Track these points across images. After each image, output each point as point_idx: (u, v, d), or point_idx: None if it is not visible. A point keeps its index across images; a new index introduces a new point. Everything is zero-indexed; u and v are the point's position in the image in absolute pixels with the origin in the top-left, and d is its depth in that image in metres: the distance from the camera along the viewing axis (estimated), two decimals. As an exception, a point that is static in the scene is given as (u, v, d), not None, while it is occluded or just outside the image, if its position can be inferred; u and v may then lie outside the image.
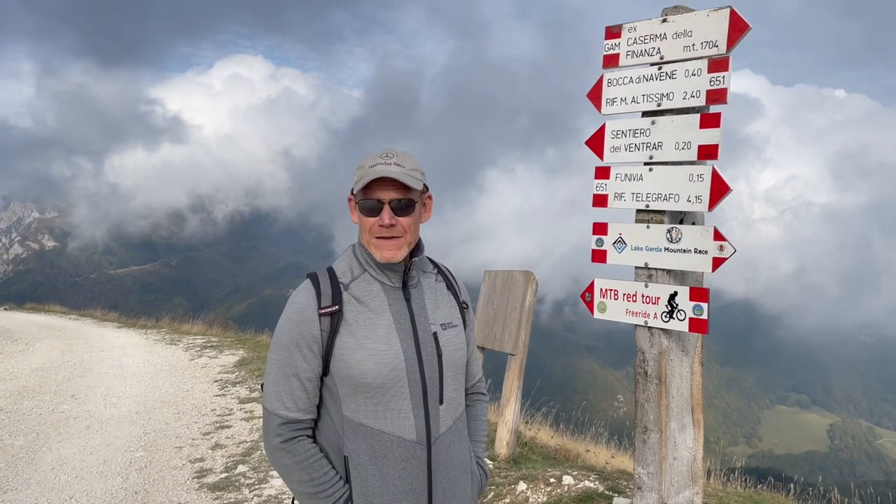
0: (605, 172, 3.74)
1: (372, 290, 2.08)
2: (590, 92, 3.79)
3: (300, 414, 2.03)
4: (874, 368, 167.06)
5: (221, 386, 10.03)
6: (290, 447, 2.01)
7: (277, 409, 2.02)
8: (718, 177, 3.25)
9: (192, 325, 18.01)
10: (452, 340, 2.15)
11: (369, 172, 2.01)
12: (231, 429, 7.76)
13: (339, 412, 2.03)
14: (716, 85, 3.28)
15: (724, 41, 3.24)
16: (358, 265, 2.12)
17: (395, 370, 2.00)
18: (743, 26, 3.21)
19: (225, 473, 6.28)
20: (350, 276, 2.10)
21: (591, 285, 3.79)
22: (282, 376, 2.02)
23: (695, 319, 3.35)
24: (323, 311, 2.00)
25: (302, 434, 2.04)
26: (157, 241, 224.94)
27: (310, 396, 2.04)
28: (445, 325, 2.15)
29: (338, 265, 2.14)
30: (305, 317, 2.00)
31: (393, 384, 2.00)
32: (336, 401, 2.03)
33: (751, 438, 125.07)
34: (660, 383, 3.52)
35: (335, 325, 2.01)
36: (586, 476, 5.26)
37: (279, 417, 2.01)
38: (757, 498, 5.04)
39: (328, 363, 2.01)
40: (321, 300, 2.02)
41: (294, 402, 2.02)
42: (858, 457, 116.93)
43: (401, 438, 2.01)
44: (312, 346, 2.00)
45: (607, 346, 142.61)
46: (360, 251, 2.13)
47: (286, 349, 2.02)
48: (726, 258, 3.24)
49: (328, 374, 2.03)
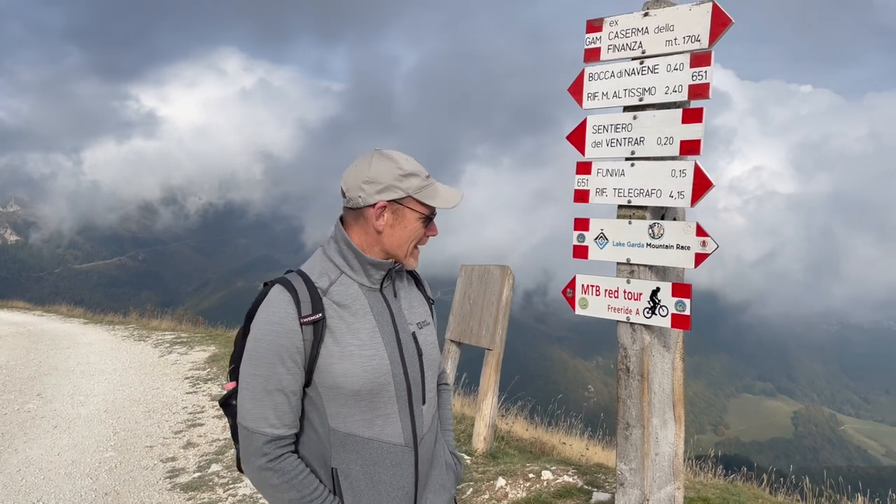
0: (586, 167, 3.71)
1: (351, 293, 1.98)
2: (571, 86, 3.75)
3: (285, 430, 1.91)
4: (836, 356, 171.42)
5: (193, 383, 9.88)
6: (277, 465, 1.90)
7: (261, 427, 1.89)
8: (701, 172, 3.24)
9: (160, 321, 17.71)
10: (429, 339, 2.11)
11: (442, 193, 2.03)
12: (203, 427, 7.63)
13: (324, 424, 1.93)
14: (698, 80, 3.26)
15: (707, 36, 3.22)
16: (334, 268, 2.00)
17: (382, 375, 1.93)
18: (725, 20, 3.19)
19: (198, 473, 6.17)
20: (328, 279, 1.98)
21: (573, 281, 3.77)
22: (264, 392, 1.89)
23: (677, 315, 3.34)
24: (305, 320, 1.88)
25: (287, 451, 1.93)
26: (125, 235, 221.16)
27: (294, 411, 1.93)
28: (421, 323, 2.11)
29: (309, 268, 2.01)
30: (287, 327, 1.87)
31: (381, 389, 1.93)
32: (320, 412, 1.93)
33: (718, 426, 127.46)
34: (642, 379, 3.51)
35: (319, 334, 1.89)
36: (565, 471, 5.26)
37: (264, 436, 1.89)
38: (733, 489, 5.09)
39: (311, 374, 1.91)
40: (301, 308, 1.89)
41: (279, 418, 1.90)
42: (822, 443, 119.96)
43: (391, 444, 1.95)
44: (296, 357, 1.88)
45: (578, 336, 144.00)
46: (341, 252, 2.01)
47: (268, 363, 1.88)
48: (709, 254, 3.24)
49: (310, 384, 1.92)
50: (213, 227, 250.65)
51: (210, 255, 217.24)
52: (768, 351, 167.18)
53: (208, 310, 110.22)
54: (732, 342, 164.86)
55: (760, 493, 5.13)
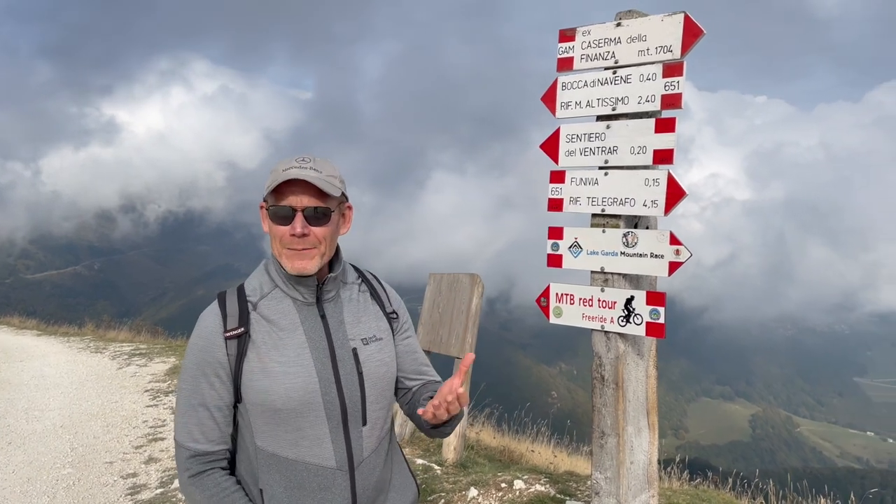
0: (560, 176, 3.71)
1: (282, 308, 1.91)
2: (544, 95, 3.75)
3: (209, 445, 1.87)
4: (792, 359, 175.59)
5: (153, 396, 9.63)
6: (199, 481, 1.86)
7: (186, 441, 1.86)
8: (674, 181, 3.26)
9: (118, 332, 17.27)
10: (375, 356, 1.98)
11: (281, 176, 1.81)
12: (165, 441, 7.44)
13: (252, 442, 1.88)
14: (670, 90, 3.29)
15: (679, 46, 3.25)
16: (269, 281, 1.95)
17: (307, 394, 1.84)
18: (697, 31, 3.22)
19: (160, 489, 6.00)
20: (259, 293, 1.93)
21: (547, 290, 3.76)
22: (189, 406, 1.86)
23: (652, 324, 3.35)
24: (229, 335, 1.85)
25: (213, 467, 1.88)
26: (80, 244, 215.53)
27: (220, 426, 1.88)
28: (367, 339, 1.98)
29: (248, 282, 1.97)
30: (210, 341, 1.85)
31: (307, 409, 1.85)
32: (249, 429, 1.88)
33: (678, 430, 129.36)
34: (617, 388, 3.51)
35: (242, 348, 1.85)
36: (536, 479, 5.25)
37: (187, 450, 1.86)
38: (703, 495, 5.14)
39: (238, 390, 1.86)
40: (227, 322, 1.86)
41: (203, 433, 1.86)
42: (778, 445, 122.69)
43: (318, 466, 1.86)
44: (219, 372, 1.85)
45: (541, 343, 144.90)
46: (273, 264, 1.95)
47: (193, 377, 1.87)
48: (682, 262, 3.25)
49: (241, 400, 1.87)
50: (172, 235, 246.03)
51: (168, 263, 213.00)
52: (726, 355, 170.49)
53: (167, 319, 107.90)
54: (691, 347, 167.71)
55: (729, 498, 5.19)
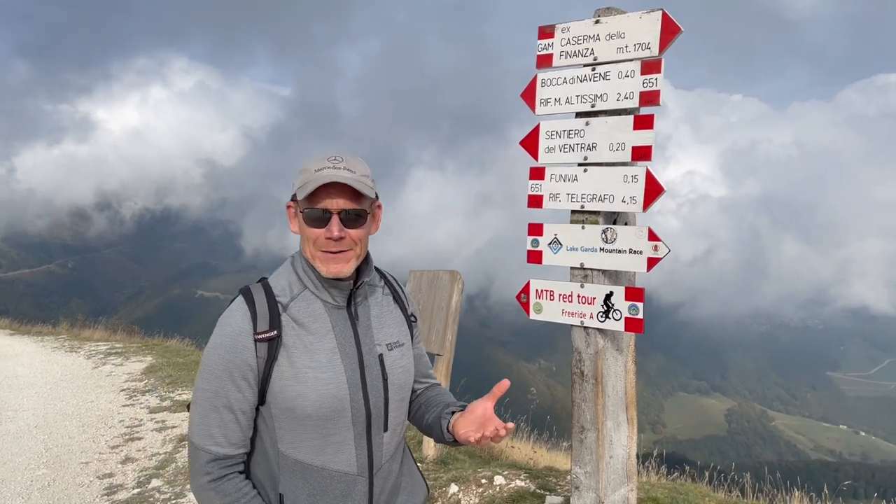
0: (539, 173, 3.72)
1: (313, 311, 1.86)
2: (524, 92, 3.76)
3: (231, 449, 1.81)
4: (766, 354, 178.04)
5: (129, 395, 9.51)
6: (219, 486, 1.79)
7: (206, 444, 1.79)
8: (652, 178, 3.28)
9: (93, 331, 17.01)
10: (398, 362, 1.96)
11: (315, 177, 1.77)
12: (142, 440, 7.35)
13: (274, 446, 1.83)
14: (649, 87, 3.31)
15: (657, 43, 3.27)
16: (298, 282, 1.88)
17: (338, 400, 1.81)
18: (674, 29, 3.24)
19: (137, 489, 5.93)
20: (289, 294, 1.86)
21: (527, 286, 3.77)
22: (211, 407, 1.79)
23: (630, 319, 3.37)
24: (260, 337, 1.78)
25: (233, 471, 1.83)
26: (53, 243, 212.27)
27: (243, 430, 1.82)
28: (392, 344, 1.96)
29: (275, 280, 1.90)
30: (239, 343, 1.77)
31: (336, 415, 1.82)
32: (271, 434, 1.83)
33: (656, 425, 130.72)
34: (596, 383, 3.54)
35: (273, 351, 1.79)
36: (517, 475, 5.27)
37: (208, 454, 1.79)
38: (681, 489, 5.19)
39: (264, 393, 1.80)
40: (257, 323, 1.79)
41: (225, 436, 1.80)
42: (754, 439, 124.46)
43: (340, 472, 1.84)
44: (247, 374, 1.78)
45: (520, 340, 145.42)
46: (302, 265, 1.89)
47: (217, 378, 1.79)
48: (661, 258, 3.28)
49: (264, 404, 1.82)
50: (148, 233, 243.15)
51: (144, 261, 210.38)
52: (702, 350, 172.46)
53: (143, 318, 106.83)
54: (668, 342, 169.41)
55: (708, 492, 5.25)
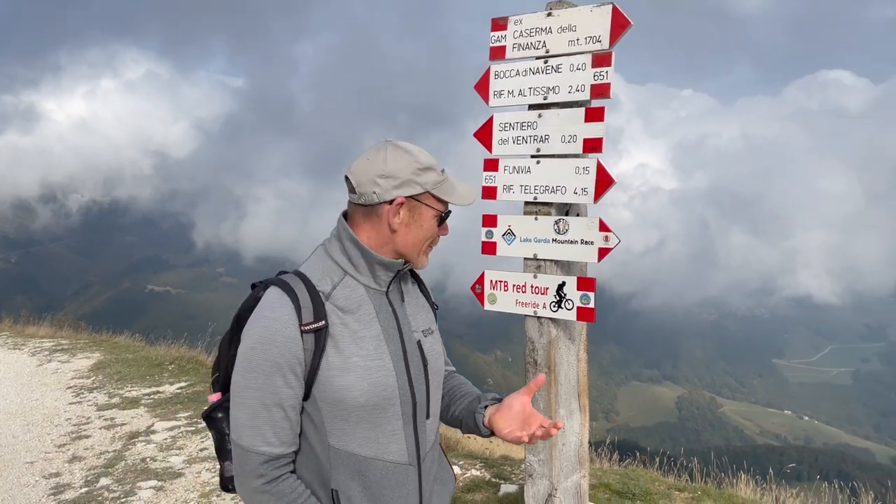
0: (493, 164, 3.75)
1: (356, 297, 1.79)
2: (477, 84, 3.78)
3: (284, 448, 1.73)
4: (715, 343, 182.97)
5: (76, 392, 9.25)
6: (275, 488, 1.72)
7: (258, 445, 1.70)
8: (603, 169, 3.34)
9: (38, 328, 16.45)
10: (434, 347, 1.94)
11: (458, 189, 1.84)
12: (90, 439, 7.17)
13: (323, 441, 1.76)
14: (599, 80, 3.36)
15: (607, 37, 3.32)
16: (336, 268, 1.80)
17: (388, 388, 1.76)
18: (624, 22, 3.30)
19: (85, 488, 5.79)
20: (330, 282, 1.78)
21: (482, 277, 3.80)
22: (261, 406, 1.69)
23: (582, 308, 3.43)
24: (306, 328, 1.69)
25: (286, 471, 1.75)
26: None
27: (294, 427, 1.74)
28: (426, 331, 1.93)
29: (310, 269, 1.80)
30: (286, 335, 1.68)
31: (386, 404, 1.76)
32: (319, 429, 1.75)
33: (609, 413, 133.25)
34: (549, 372, 3.59)
35: (321, 343, 1.70)
36: (472, 465, 5.32)
37: (262, 455, 1.70)
38: (631, 474, 5.31)
39: (310, 387, 1.72)
40: (302, 315, 1.69)
41: (277, 435, 1.71)
42: (703, 425, 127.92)
43: (395, 463, 1.79)
44: (296, 369, 1.69)
45: (476, 332, 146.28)
46: (351, 251, 1.80)
47: (265, 375, 1.68)
48: (611, 248, 3.35)
49: (309, 398, 1.74)
50: (96, 225, 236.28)
51: (92, 255, 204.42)
52: (654, 340, 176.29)
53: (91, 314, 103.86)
54: (621, 332, 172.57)
55: (656, 476, 5.39)
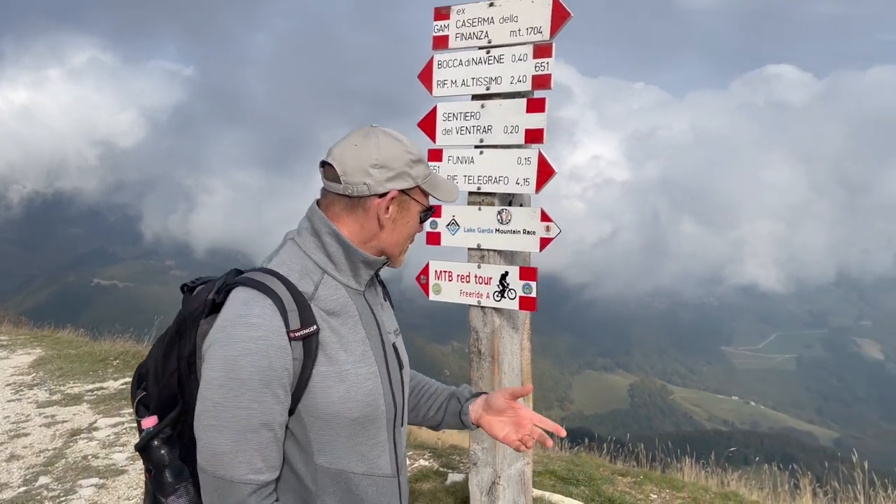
0: (437, 155, 3.75)
1: (339, 298, 1.60)
2: (421, 73, 3.77)
3: (271, 473, 1.50)
4: (666, 331, 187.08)
5: (15, 390, 8.96)
6: None
7: (245, 475, 1.45)
8: (544, 160, 3.37)
9: (-25, 324, 15.91)
10: (404, 349, 1.81)
11: (442, 184, 1.69)
12: (29, 437, 6.96)
13: (308, 461, 1.55)
14: (541, 70, 3.39)
15: (548, 28, 3.35)
16: (314, 266, 1.59)
17: (378, 397, 1.60)
18: (564, 14, 3.33)
19: (24, 487, 5.62)
20: (311, 282, 1.57)
21: (426, 267, 3.80)
22: (247, 430, 1.45)
23: (524, 298, 3.47)
24: (296, 335, 1.48)
25: (273, 499, 1.53)
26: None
27: (280, 447, 1.52)
28: (396, 331, 1.78)
29: (285, 267, 1.57)
30: (273, 343, 1.45)
31: (378, 413, 1.61)
32: (304, 447, 1.55)
33: (563, 402, 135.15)
34: (493, 361, 3.62)
35: (311, 351, 1.50)
36: (421, 455, 5.34)
37: (249, 485, 1.45)
38: (577, 460, 5.41)
39: (296, 401, 1.51)
40: (289, 319, 1.48)
41: (265, 460, 1.48)
42: (654, 412, 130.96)
43: (385, 477, 1.64)
44: (285, 382, 1.47)
45: (432, 323, 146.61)
46: (331, 247, 1.60)
47: (254, 391, 1.44)
48: (552, 238, 3.38)
49: (293, 413, 1.53)
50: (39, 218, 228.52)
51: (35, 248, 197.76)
52: (607, 329, 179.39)
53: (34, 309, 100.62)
54: (575, 322, 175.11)
55: (602, 462, 5.49)
